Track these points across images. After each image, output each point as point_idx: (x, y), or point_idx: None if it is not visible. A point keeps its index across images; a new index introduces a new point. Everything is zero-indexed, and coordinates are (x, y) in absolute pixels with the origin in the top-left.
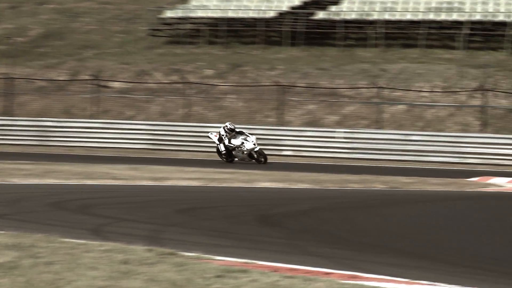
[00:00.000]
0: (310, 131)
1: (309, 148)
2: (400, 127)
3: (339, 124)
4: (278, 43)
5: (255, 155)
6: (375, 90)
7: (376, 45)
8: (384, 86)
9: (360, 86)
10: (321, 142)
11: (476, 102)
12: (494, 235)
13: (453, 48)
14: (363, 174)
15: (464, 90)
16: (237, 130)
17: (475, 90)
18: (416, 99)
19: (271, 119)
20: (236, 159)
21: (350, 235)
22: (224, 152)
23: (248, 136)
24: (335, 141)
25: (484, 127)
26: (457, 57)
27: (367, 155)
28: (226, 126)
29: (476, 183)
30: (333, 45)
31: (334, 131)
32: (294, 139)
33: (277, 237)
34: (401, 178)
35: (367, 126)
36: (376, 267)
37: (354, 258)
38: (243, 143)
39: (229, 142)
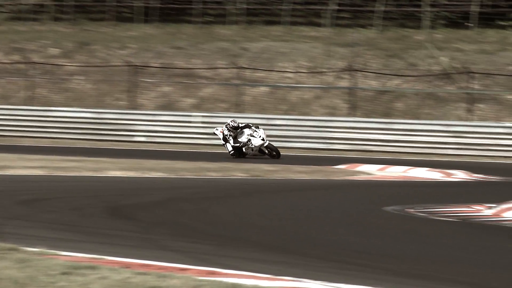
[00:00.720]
0: (165, 115)
1: (164, 133)
2: (262, 110)
3: (196, 107)
4: (129, 19)
5: (266, 151)
6: (235, 70)
7: (236, 22)
8: (245, 66)
9: (219, 66)
10: (177, 127)
11: (344, 83)
12: (363, 227)
13: (319, 25)
14: (222, 161)
15: (331, 70)
16: (242, 124)
17: (343, 70)
18: (279, 80)
19: (122, 103)
20: (247, 155)
21: (208, 228)
22: (233, 152)
23: (256, 130)
24: (192, 126)
25: (353, 110)
26: (323, 35)
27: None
28: (229, 124)
29: (344, 171)
30: (190, 22)
31: (191, 115)
32: (148, 124)
33: (128, 230)
34: (263, 166)
35: (227, 110)
36: (236, 262)
37: (212, 253)
38: (249, 140)
39: (235, 141)
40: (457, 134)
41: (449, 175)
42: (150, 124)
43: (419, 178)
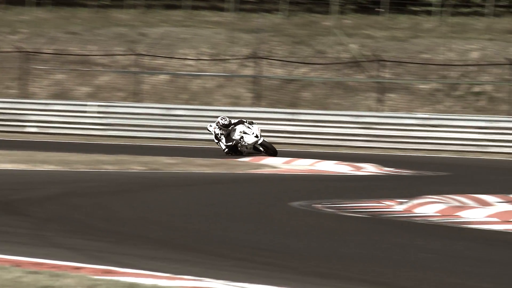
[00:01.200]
0: (58, 105)
1: (57, 124)
2: (161, 100)
3: (92, 96)
4: (21, 2)
5: (261, 148)
6: (133, 57)
7: (134, 6)
8: (144, 53)
9: (116, 53)
10: (71, 117)
11: (248, 71)
12: (268, 223)
13: (222, 10)
14: (119, 154)
15: (234, 58)
16: (234, 121)
17: (247, 58)
18: (180, 68)
19: (12, 91)
20: (243, 153)
21: (104, 224)
22: (227, 150)
23: (249, 126)
24: (87, 116)
25: (257, 100)
26: (226, 20)
27: (124, 132)
28: (219, 122)
29: (247, 164)
30: (85, 6)
31: (86, 105)
32: (40, 114)
33: (19, 226)
34: (163, 159)
35: (124, 99)
36: (134, 260)
37: (108, 251)
38: (242, 137)
39: (228, 139)
40: (367, 125)
41: (358, 168)
42: (42, 114)
43: (327, 171)
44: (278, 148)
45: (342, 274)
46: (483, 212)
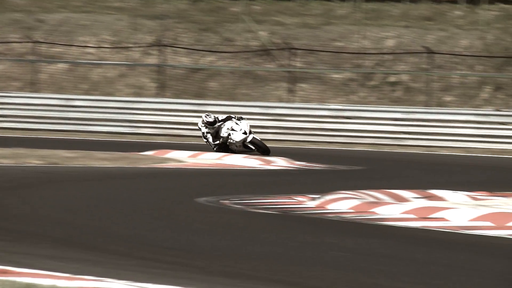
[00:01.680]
0: None
1: None
2: (60, 90)
3: None
4: None
5: (252, 146)
6: (29, 45)
7: None
8: (41, 40)
9: (11, 40)
10: None
11: (152, 60)
12: (173, 220)
13: None
14: (14, 147)
15: (137, 45)
16: (222, 117)
17: (151, 45)
18: (79, 56)
19: None
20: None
21: None
22: (216, 149)
23: (237, 122)
24: None
25: (162, 90)
26: (129, 5)
27: (20, 124)
28: (203, 120)
29: (151, 158)
30: None
31: None
32: None
33: None
34: (62, 152)
35: (20, 89)
36: (32, 259)
37: (4, 250)
38: (229, 134)
39: (215, 137)
40: (277, 117)
41: (268, 162)
42: None
43: (235, 165)
44: (183, 141)
45: (251, 273)
46: (399, 208)
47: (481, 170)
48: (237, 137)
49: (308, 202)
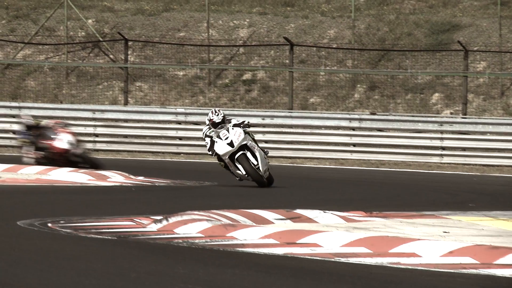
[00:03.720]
0: None
1: None
2: None
3: None
4: None
5: (241, 170)
6: None
7: None
8: None
9: None
10: None
11: None
12: None
13: None
14: None
15: None
16: (228, 118)
17: None
18: None
19: None
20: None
21: None
22: (222, 164)
23: (230, 128)
24: None
25: None
26: None
27: None
28: (209, 117)
29: None
30: None
31: None
32: None
33: None
34: None
35: None
36: None
37: None
38: (214, 143)
39: (211, 147)
40: (110, 122)
41: (102, 177)
42: None
43: (61, 181)
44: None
45: None
46: (259, 231)
47: (356, 185)
48: (220, 149)
49: (150, 225)
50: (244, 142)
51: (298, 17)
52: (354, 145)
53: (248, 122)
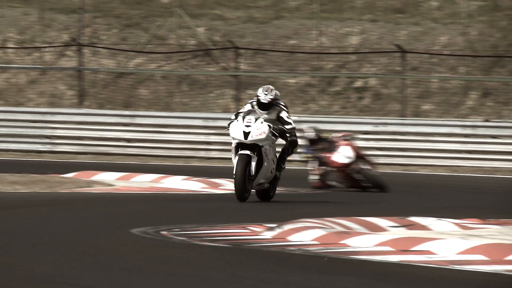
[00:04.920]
0: None
1: None
2: None
3: None
4: None
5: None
6: None
7: None
8: None
9: None
10: None
11: (68, 62)
12: (103, 257)
13: None
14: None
15: (50, 45)
16: (279, 103)
17: (66, 45)
18: None
19: None
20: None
21: None
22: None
23: (260, 120)
24: None
25: (81, 99)
26: None
27: None
28: (258, 93)
29: (74, 181)
30: None
31: None
32: None
33: None
34: None
35: None
36: None
37: None
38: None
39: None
40: (223, 130)
41: (214, 185)
42: None
43: (175, 189)
44: (111, 160)
45: None
46: (373, 239)
47: (470, 192)
48: (233, 128)
49: (264, 233)
50: (261, 144)
51: (410, 23)
52: (468, 151)
53: (293, 130)
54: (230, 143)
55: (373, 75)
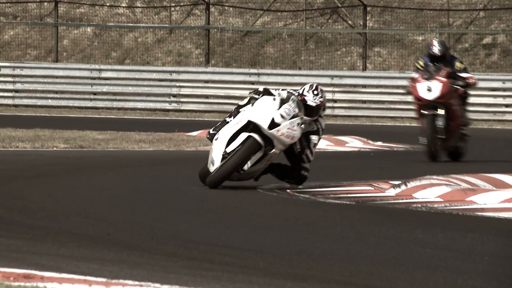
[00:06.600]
0: None
1: None
2: (86, 59)
3: None
4: None
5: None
6: (49, 6)
7: None
8: (63, 0)
9: (28, 0)
10: None
11: (195, 21)
12: (226, 214)
13: None
14: (34, 128)
15: (177, 4)
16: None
17: (194, 4)
18: (108, 18)
19: None
20: None
21: (19, 217)
22: None
23: (297, 122)
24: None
25: (208, 58)
26: None
27: (40, 101)
28: (302, 91)
29: (199, 139)
30: None
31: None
32: None
33: None
34: (90, 134)
35: (38, 58)
36: (58, 261)
37: (25, 250)
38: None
39: None
40: (349, 88)
41: (341, 143)
42: None
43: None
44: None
45: (322, 275)
46: (499, 196)
47: None
48: (258, 111)
49: (389, 190)
50: (284, 145)
51: None
52: None
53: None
54: (355, 101)
55: (502, 32)
